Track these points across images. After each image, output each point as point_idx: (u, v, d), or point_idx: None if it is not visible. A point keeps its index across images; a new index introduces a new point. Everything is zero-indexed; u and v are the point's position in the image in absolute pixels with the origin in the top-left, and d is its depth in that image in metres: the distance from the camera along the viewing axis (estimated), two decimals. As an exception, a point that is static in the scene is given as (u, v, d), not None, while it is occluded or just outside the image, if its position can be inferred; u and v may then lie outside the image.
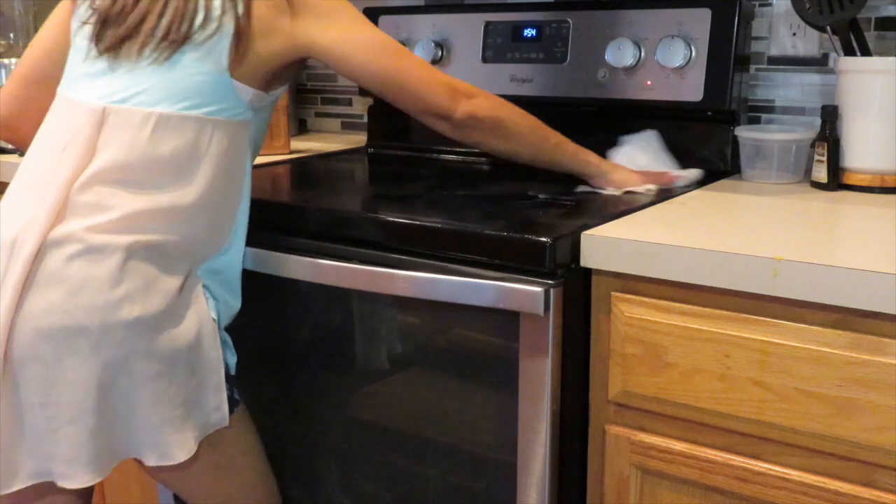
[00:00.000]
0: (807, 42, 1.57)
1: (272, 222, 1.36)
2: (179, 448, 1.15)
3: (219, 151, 1.18)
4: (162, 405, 1.13)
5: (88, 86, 1.18)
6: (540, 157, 1.39)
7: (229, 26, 1.17)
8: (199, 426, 1.19)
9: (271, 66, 1.22)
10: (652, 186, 1.39)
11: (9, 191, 1.19)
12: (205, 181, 1.17)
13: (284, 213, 1.37)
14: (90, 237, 1.09)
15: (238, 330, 1.31)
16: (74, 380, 1.09)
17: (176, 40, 1.15)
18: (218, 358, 1.20)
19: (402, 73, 1.26)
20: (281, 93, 1.30)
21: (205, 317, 1.19)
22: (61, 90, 1.22)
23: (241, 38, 1.17)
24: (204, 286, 1.21)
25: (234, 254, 1.25)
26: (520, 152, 1.38)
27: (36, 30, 2.16)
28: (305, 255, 1.29)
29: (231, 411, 1.23)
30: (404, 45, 1.82)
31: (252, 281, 1.31)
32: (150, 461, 1.16)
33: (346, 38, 1.24)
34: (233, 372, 1.27)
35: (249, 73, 1.20)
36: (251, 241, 1.32)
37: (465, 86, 1.29)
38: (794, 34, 1.58)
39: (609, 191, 1.39)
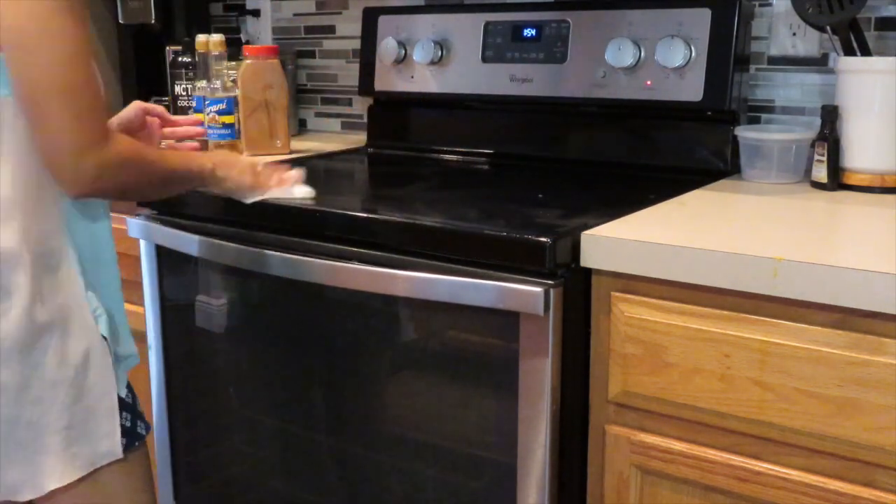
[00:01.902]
0: (807, 42, 1.57)
1: (272, 223, 1.36)
2: (49, 476, 1.07)
3: (14, 135, 1.02)
4: (38, 432, 1.06)
5: None
6: (166, 196, 1.26)
7: None
8: (85, 455, 1.09)
9: None
10: (267, 193, 1.30)
11: None
12: (13, 166, 1.03)
13: (284, 213, 1.37)
14: None
15: (237, 330, 1.31)
16: None
17: None
18: (110, 381, 1.11)
19: (44, 111, 0.98)
20: None
21: (93, 333, 1.09)
22: None
23: None
24: (90, 295, 1.11)
25: (103, 246, 1.15)
26: (145, 200, 1.36)
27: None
28: (305, 256, 1.29)
29: (131, 444, 1.14)
30: (404, 45, 1.84)
31: (252, 281, 1.31)
32: (25, 495, 1.07)
33: (24, 27, 0.96)
34: (122, 394, 1.15)
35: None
36: (252, 241, 1.32)
37: (94, 165, 1.01)
38: (794, 34, 1.58)
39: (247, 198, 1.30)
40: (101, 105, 1.03)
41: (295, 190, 1.33)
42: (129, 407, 1.16)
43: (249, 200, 1.29)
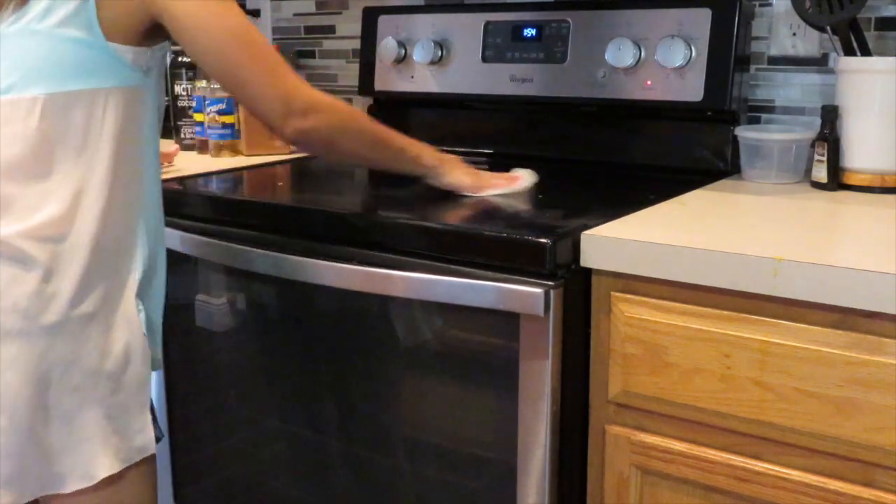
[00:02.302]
0: (807, 42, 1.57)
1: (272, 223, 1.36)
2: (99, 465, 1.09)
3: (117, 124, 1.09)
4: (80, 421, 1.08)
5: None
6: (379, 166, 1.39)
7: None
8: (123, 449, 1.12)
9: (142, 21, 1.10)
10: (488, 191, 1.39)
11: None
12: (108, 159, 1.09)
13: (284, 213, 1.37)
14: (13, 241, 1.04)
15: (237, 330, 1.31)
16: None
17: None
18: (145, 376, 1.14)
19: (241, 70, 1.13)
20: (167, 47, 1.18)
21: (135, 328, 1.12)
22: None
23: None
24: (137, 296, 1.13)
25: (156, 265, 1.18)
26: (357, 163, 1.43)
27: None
28: (305, 256, 1.29)
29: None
30: (404, 45, 1.84)
31: (252, 282, 1.31)
32: (72, 485, 1.09)
33: (198, 13, 1.09)
34: (154, 396, 1.19)
35: (121, 29, 1.08)
36: (251, 241, 1.32)
37: (303, 101, 1.16)
38: (794, 34, 1.58)
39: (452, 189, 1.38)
40: (286, 64, 1.17)
41: (518, 185, 1.41)
42: (152, 410, 1.18)
43: (469, 193, 1.37)
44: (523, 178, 1.43)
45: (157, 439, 1.19)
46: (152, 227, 1.18)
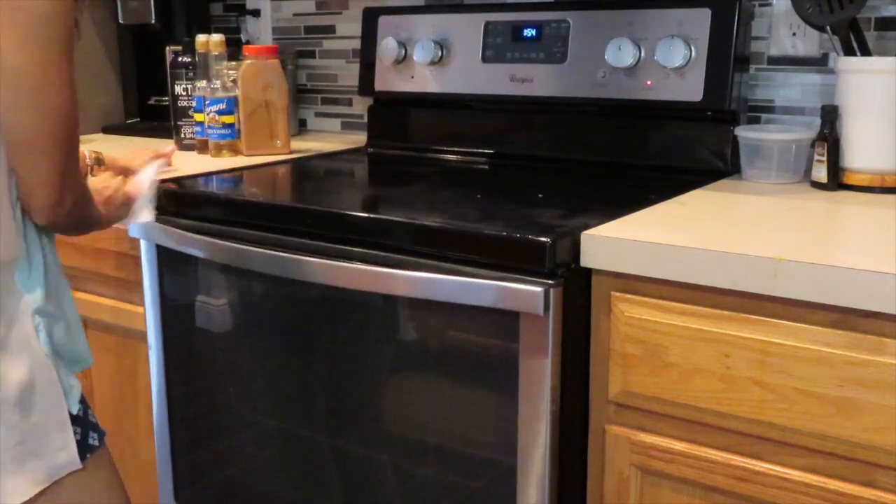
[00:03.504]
0: (807, 42, 1.57)
1: (272, 223, 1.36)
2: (10, 493, 1.05)
3: None
4: None
5: None
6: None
7: None
8: (43, 468, 1.07)
9: None
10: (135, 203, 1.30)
11: None
12: None
13: (284, 213, 1.37)
14: None
15: (237, 330, 1.31)
16: None
17: None
18: (57, 395, 1.08)
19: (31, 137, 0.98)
20: None
21: (35, 349, 1.06)
22: None
23: None
24: (34, 312, 1.07)
25: (40, 258, 1.09)
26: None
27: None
28: (306, 256, 1.29)
29: (82, 457, 1.11)
30: (404, 45, 1.84)
31: (252, 282, 1.31)
32: None
33: (24, 68, 0.94)
34: (74, 411, 1.11)
35: None
36: (251, 241, 1.32)
37: (44, 199, 1.03)
38: (794, 34, 1.58)
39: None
40: (78, 157, 1.06)
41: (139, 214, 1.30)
42: (80, 420, 1.13)
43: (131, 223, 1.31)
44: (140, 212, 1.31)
45: (92, 447, 1.14)
46: (38, 237, 1.10)
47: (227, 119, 1.84)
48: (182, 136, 1.98)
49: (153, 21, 2.17)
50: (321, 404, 1.42)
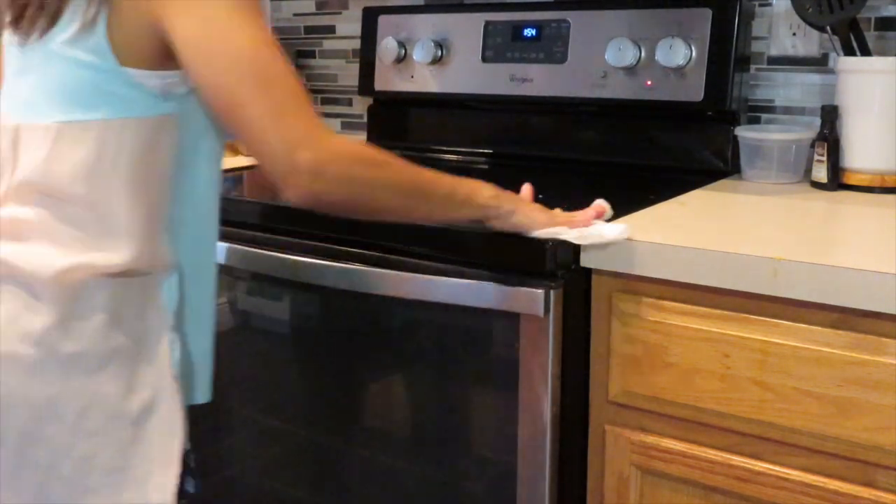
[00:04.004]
0: (807, 42, 1.57)
1: (272, 223, 1.36)
2: None
3: (131, 157, 0.95)
4: (88, 469, 0.94)
5: (5, 91, 1.00)
6: (424, 218, 1.08)
7: None
8: None
9: (161, 41, 0.93)
10: (562, 230, 1.11)
11: None
12: (123, 189, 0.96)
13: (284, 213, 1.37)
14: (20, 263, 0.93)
15: (236, 330, 1.30)
16: None
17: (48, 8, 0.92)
18: (175, 428, 0.99)
19: (242, 112, 0.91)
20: None
21: (164, 369, 0.99)
22: None
23: (116, 9, 0.92)
24: (172, 329, 1.01)
25: (200, 287, 1.06)
26: (396, 218, 1.07)
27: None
28: (306, 256, 1.29)
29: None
30: (404, 45, 1.84)
31: (251, 281, 1.31)
32: None
33: (199, 36, 0.91)
34: (188, 446, 1.03)
35: (138, 52, 0.93)
36: (251, 241, 1.32)
37: (313, 154, 0.92)
38: (794, 34, 1.58)
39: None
40: (304, 99, 0.93)
41: (605, 230, 1.11)
42: (186, 461, 1.04)
43: (537, 234, 1.11)
44: (605, 225, 1.13)
45: (187, 493, 1.05)
46: (192, 258, 1.05)
47: (227, 119, 1.84)
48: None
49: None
50: (318, 404, 1.42)
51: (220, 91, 0.92)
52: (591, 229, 1.11)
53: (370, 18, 1.92)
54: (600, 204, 1.16)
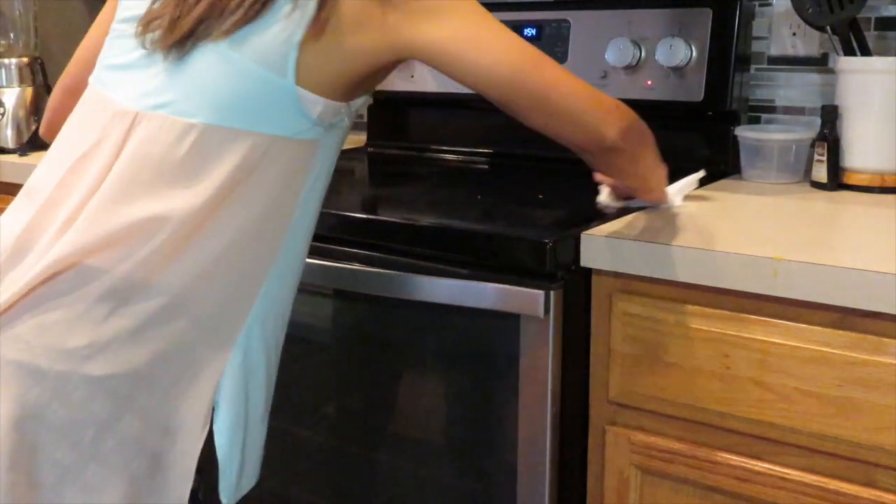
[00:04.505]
0: (807, 42, 1.57)
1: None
2: (100, 488, 0.89)
3: (268, 177, 0.92)
4: (102, 496, 0.89)
5: (121, 77, 0.96)
6: (646, 182, 1.22)
7: (308, 10, 0.90)
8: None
9: (354, 71, 0.95)
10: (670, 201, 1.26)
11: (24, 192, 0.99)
12: (246, 215, 0.92)
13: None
14: (84, 256, 0.88)
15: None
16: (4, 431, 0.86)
17: (247, 17, 0.90)
18: (191, 467, 0.93)
19: (538, 88, 0.99)
20: (363, 104, 1.03)
21: (201, 407, 0.93)
22: (92, 80, 1.00)
23: (320, 29, 0.91)
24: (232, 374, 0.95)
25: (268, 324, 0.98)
26: (635, 177, 1.19)
27: (37, 30, 2.16)
28: (305, 257, 1.29)
29: None
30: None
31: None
32: None
33: (464, 36, 0.96)
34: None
35: (321, 78, 0.93)
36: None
37: (608, 99, 1.07)
38: (794, 34, 1.58)
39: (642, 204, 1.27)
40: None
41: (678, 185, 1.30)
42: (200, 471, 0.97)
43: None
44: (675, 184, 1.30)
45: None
46: (272, 309, 0.98)
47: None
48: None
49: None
50: (320, 404, 1.42)
51: (516, 71, 0.99)
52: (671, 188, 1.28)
53: (370, 18, 1.92)
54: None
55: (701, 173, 1.36)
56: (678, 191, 1.30)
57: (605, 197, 1.27)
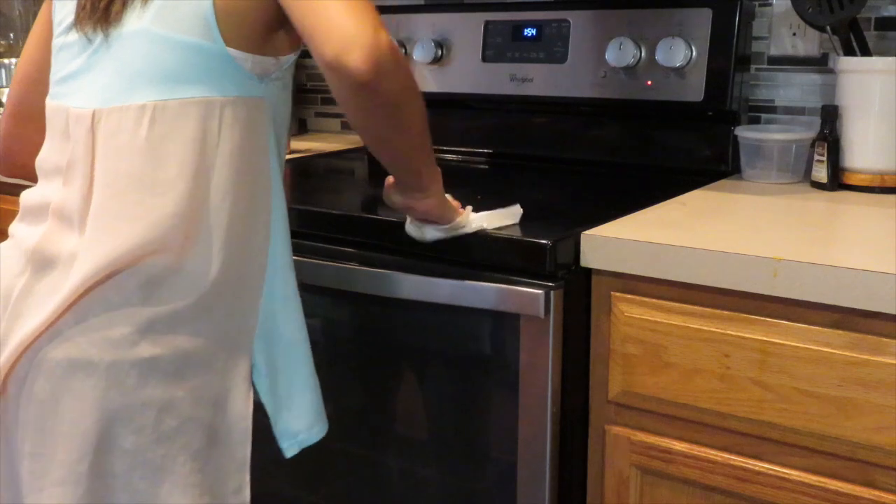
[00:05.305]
0: (807, 42, 1.57)
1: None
2: None
3: (235, 139, 0.97)
4: (169, 474, 0.94)
5: (71, 86, 1.00)
6: (405, 154, 1.05)
7: None
8: None
9: (260, 19, 0.97)
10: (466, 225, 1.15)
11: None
12: (225, 178, 0.96)
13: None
14: (112, 264, 0.92)
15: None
16: (70, 431, 0.92)
17: None
18: (247, 429, 0.99)
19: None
20: (292, 60, 1.04)
21: (242, 372, 0.99)
22: (48, 99, 1.05)
23: None
24: (257, 338, 1.01)
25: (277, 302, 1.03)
26: (394, 143, 1.02)
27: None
28: (305, 257, 1.29)
29: None
30: (404, 44, 1.84)
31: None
32: None
33: None
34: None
35: (241, 32, 0.96)
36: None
37: (389, 42, 0.90)
38: (794, 34, 1.58)
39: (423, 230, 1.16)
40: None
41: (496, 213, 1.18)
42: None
43: (429, 238, 1.15)
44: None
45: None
46: (283, 263, 1.04)
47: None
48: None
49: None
50: (321, 404, 1.42)
51: None
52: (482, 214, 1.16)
53: (370, 18, 1.92)
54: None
55: (518, 209, 1.20)
56: (484, 217, 1.16)
57: (408, 223, 1.17)
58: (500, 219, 1.17)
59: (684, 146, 1.59)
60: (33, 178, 1.08)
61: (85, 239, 0.94)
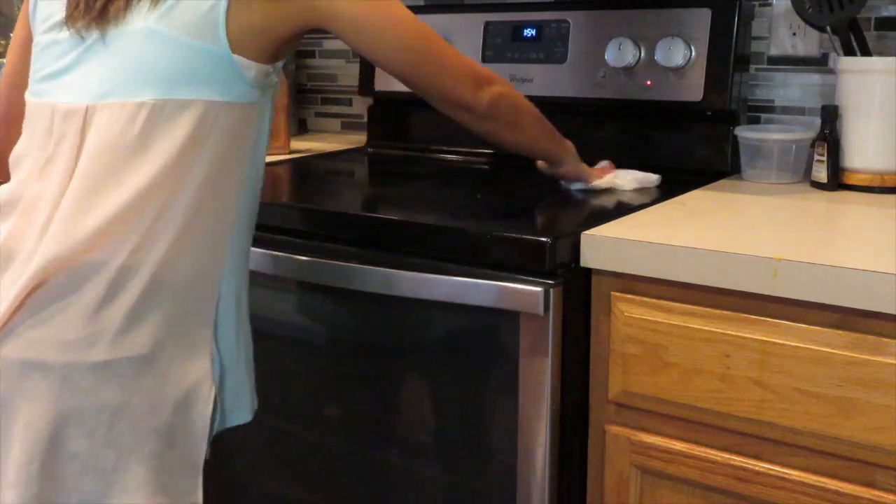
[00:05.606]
0: (807, 42, 1.57)
1: (272, 223, 1.36)
2: None
3: (218, 142, 0.98)
4: (121, 478, 0.93)
5: (59, 82, 1.01)
6: (533, 145, 1.35)
7: None
8: None
9: (276, 36, 1.02)
10: (601, 182, 1.41)
11: None
12: (197, 180, 0.97)
13: (284, 213, 1.37)
14: (69, 260, 0.93)
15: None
16: (24, 433, 0.91)
17: None
18: (205, 429, 0.98)
19: (432, 59, 1.13)
20: (281, 65, 1.09)
21: (203, 372, 0.98)
22: (29, 96, 1.05)
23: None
24: (215, 335, 1.01)
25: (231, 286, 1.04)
26: (523, 142, 1.32)
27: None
28: (305, 256, 1.29)
29: None
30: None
31: (250, 281, 1.31)
32: None
33: (373, 11, 1.06)
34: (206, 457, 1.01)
35: (249, 43, 0.99)
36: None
37: (485, 72, 1.20)
38: (794, 34, 1.58)
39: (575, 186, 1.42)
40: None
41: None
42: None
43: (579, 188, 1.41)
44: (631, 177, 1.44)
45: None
46: (238, 265, 1.05)
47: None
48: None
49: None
50: (320, 403, 1.42)
51: (410, 53, 1.12)
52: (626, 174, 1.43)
53: (370, 18, 1.92)
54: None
55: (657, 177, 1.45)
56: (633, 179, 1.42)
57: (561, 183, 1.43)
58: (635, 182, 1.42)
59: (684, 146, 1.59)
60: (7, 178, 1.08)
61: (48, 232, 0.94)
